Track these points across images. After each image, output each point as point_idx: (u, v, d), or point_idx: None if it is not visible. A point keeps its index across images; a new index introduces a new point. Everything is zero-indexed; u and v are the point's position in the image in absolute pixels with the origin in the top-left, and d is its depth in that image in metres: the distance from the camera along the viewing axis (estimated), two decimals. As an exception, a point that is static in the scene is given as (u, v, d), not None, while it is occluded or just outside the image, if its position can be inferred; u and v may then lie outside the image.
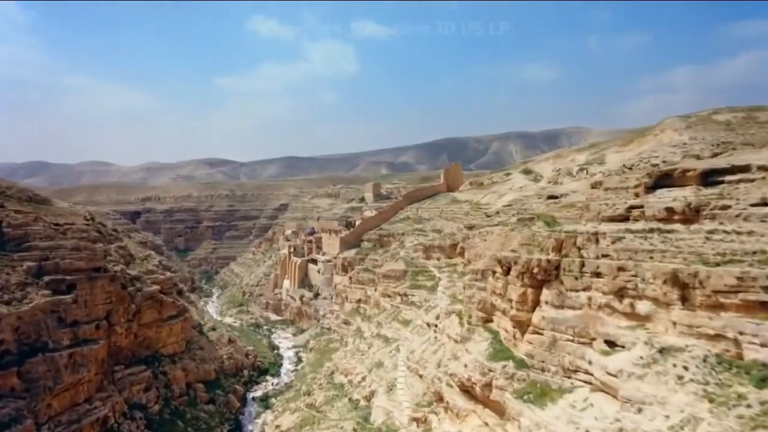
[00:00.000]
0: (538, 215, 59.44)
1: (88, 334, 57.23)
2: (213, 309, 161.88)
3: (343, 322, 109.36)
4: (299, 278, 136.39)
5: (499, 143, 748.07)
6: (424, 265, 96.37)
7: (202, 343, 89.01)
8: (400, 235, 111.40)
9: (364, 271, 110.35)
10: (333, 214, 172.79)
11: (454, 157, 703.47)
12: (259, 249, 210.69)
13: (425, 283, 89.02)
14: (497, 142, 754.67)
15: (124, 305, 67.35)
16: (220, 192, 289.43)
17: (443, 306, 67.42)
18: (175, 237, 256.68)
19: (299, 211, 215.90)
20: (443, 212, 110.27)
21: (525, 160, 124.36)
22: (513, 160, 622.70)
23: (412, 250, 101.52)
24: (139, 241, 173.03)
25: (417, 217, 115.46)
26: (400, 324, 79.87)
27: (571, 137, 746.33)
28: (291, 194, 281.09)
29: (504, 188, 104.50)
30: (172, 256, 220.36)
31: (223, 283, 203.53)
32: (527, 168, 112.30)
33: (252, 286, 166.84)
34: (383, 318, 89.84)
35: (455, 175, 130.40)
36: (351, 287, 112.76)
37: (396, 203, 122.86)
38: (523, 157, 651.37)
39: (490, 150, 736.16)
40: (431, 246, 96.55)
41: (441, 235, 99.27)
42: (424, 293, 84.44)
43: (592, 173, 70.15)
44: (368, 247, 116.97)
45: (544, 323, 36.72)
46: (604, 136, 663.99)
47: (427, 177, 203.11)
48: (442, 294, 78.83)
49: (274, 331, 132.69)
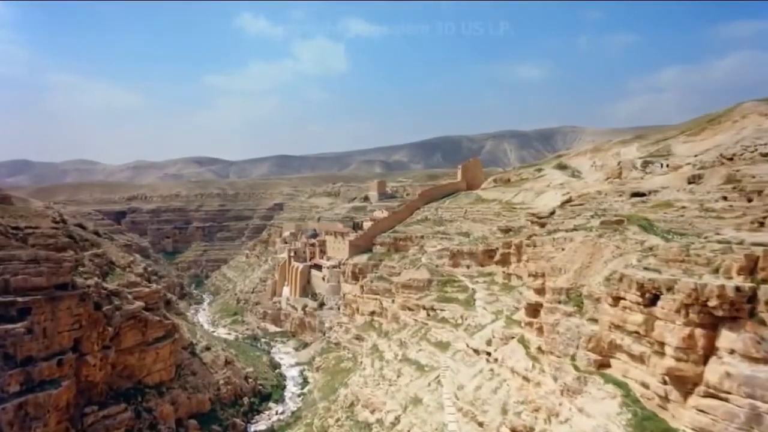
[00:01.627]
0: (627, 217, 46.78)
1: (46, 373, 43.81)
2: (204, 318, 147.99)
3: (355, 337, 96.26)
4: (301, 285, 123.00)
5: (493, 142, 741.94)
6: (452, 273, 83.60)
7: (195, 366, 75.51)
8: (419, 239, 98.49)
9: (379, 279, 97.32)
10: (335, 215, 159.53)
11: (448, 156, 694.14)
12: (253, 251, 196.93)
13: (456, 296, 76.21)
14: (491, 140, 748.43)
15: (97, 329, 53.88)
16: (211, 191, 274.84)
17: (495, 329, 54.49)
18: (162, 238, 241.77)
19: (296, 210, 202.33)
20: (468, 213, 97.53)
21: (558, 154, 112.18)
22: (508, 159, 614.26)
23: (435, 257, 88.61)
24: (123, 244, 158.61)
25: (437, 218, 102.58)
26: (433, 346, 66.88)
27: (566, 136, 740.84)
28: (285, 193, 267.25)
29: (539, 185, 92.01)
30: (160, 259, 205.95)
31: (215, 289, 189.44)
32: (561, 163, 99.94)
33: (247, 293, 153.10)
34: (407, 336, 76.80)
35: (474, 172, 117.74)
36: (363, 297, 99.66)
37: (411, 202, 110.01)
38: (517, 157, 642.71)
39: (484, 149, 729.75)
40: (459, 252, 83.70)
41: (470, 239, 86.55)
42: (458, 308, 71.55)
43: (675, 166, 57.49)
44: (381, 251, 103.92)
45: (731, 384, 23.96)
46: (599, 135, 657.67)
47: (434, 175, 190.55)
48: (484, 311, 66.03)
49: (274, 344, 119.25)
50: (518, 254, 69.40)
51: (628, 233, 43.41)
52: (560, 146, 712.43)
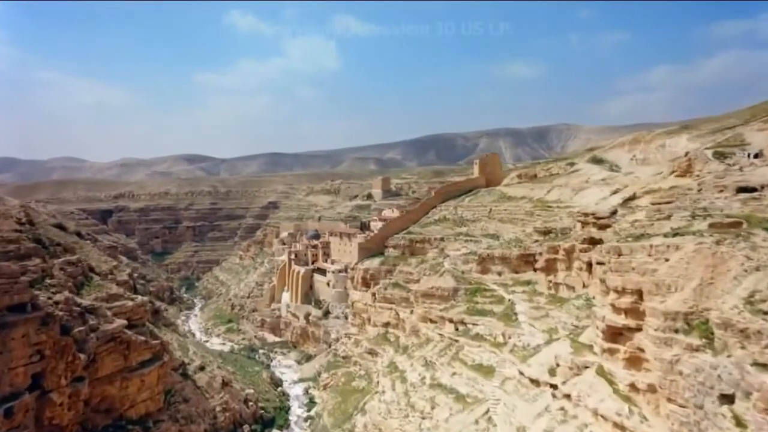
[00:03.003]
0: (744, 219, 36.73)
1: (-9, 428, 32.96)
2: (196, 326, 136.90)
3: (368, 351, 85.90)
4: (303, 292, 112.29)
5: (488, 140, 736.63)
6: (481, 281, 73.51)
7: (188, 392, 64.74)
8: (438, 241, 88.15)
9: (394, 286, 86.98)
10: (337, 214, 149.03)
11: (442, 154, 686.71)
12: (247, 253, 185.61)
13: (490, 308, 66.01)
14: (486, 138, 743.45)
15: (66, 359, 43.06)
16: (202, 188, 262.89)
17: (560, 354, 44.24)
18: (151, 239, 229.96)
19: (293, 209, 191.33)
20: (493, 212, 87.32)
21: (590, 147, 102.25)
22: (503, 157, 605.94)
23: (460, 261, 78.41)
24: (108, 246, 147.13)
25: (457, 218, 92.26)
26: (472, 370, 56.53)
27: (561, 134, 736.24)
28: (280, 191, 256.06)
29: (575, 181, 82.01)
30: (148, 261, 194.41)
31: (207, 293, 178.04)
32: (595, 157, 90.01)
33: (242, 298, 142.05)
34: (433, 354, 66.48)
35: (493, 167, 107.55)
36: (375, 306, 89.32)
37: (426, 201, 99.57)
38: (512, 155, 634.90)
39: (478, 147, 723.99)
40: (489, 256, 73.52)
41: (502, 242, 76.33)
42: (496, 323, 61.27)
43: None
44: (395, 255, 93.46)
45: None
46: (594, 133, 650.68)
47: (440, 171, 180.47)
48: (531, 328, 55.88)
49: (273, 356, 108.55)
50: (568, 261, 59.55)
51: (756, 239, 33.41)
52: (555, 144, 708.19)
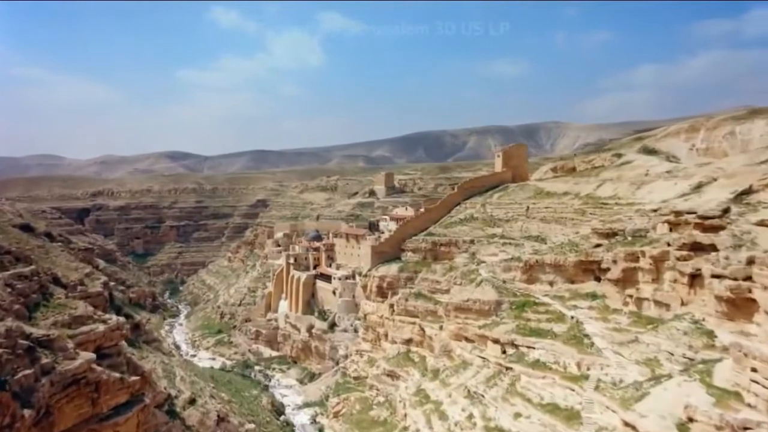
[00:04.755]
0: None
1: None
2: (182, 337, 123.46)
3: (386, 373, 73.48)
4: (304, 300, 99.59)
5: (477, 137, 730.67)
6: (528, 291, 61.70)
7: (175, 435, 51.66)
8: (468, 244, 76.01)
9: (416, 296, 74.77)
10: (337, 213, 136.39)
11: (430, 151, 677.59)
12: (236, 255, 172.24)
13: (548, 327, 54.00)
14: (475, 136, 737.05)
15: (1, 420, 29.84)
16: (186, 186, 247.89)
17: (695, 405, 32.06)
18: (131, 239, 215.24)
19: (287, 207, 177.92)
20: (531, 210, 75.37)
21: (637, 136, 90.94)
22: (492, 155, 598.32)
23: (499, 269, 66.31)
24: (83, 248, 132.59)
25: (487, 217, 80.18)
26: (545, 412, 44.29)
27: (550, 132, 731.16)
28: (269, 188, 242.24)
29: (630, 174, 70.53)
30: (128, 264, 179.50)
31: (193, 298, 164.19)
32: (646, 147, 78.66)
33: (232, 306, 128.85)
34: (477, 383, 54.31)
35: (519, 159, 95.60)
36: (394, 320, 76.99)
37: (448, 198, 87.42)
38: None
39: (467, 145, 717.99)
40: (538, 263, 61.60)
41: (551, 245, 64.27)
42: (562, 348, 49.18)
43: None
44: (414, 260, 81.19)
45: None
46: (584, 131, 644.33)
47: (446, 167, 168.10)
48: (619, 357, 43.83)
49: (271, 373, 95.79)
50: (656, 271, 47.65)
51: None
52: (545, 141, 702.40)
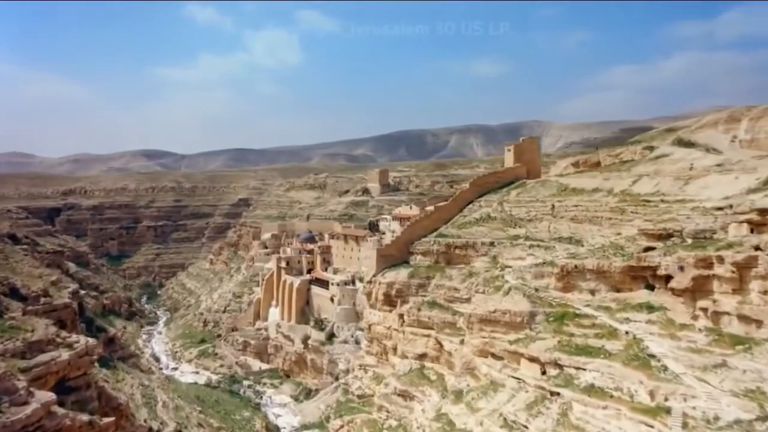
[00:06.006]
0: None
1: None
2: (161, 347, 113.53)
3: (397, 392, 65.03)
4: (298, 308, 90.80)
5: (459, 136, 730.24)
6: (565, 301, 53.87)
7: (158, 480, 42.70)
8: (487, 246, 67.93)
9: (431, 305, 66.59)
10: (329, 212, 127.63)
11: (412, 150, 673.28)
12: (218, 257, 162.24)
13: (597, 343, 46.14)
14: (457, 135, 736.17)
15: None
16: (164, 184, 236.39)
17: None
18: (105, 240, 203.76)
19: (273, 206, 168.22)
20: (558, 208, 67.60)
21: (669, 127, 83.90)
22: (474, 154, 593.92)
23: (529, 275, 58.37)
24: (51, 251, 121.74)
25: (506, 216, 72.17)
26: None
27: (532, 130, 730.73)
28: (252, 187, 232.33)
29: (672, 168, 63.28)
30: (102, 267, 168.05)
31: (172, 303, 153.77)
32: (681, 138, 71.41)
33: (216, 313, 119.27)
34: (515, 410, 46.17)
35: (532, 154, 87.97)
36: (404, 332, 68.72)
37: (460, 195, 79.20)
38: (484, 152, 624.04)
39: (449, 143, 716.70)
40: (578, 269, 53.73)
41: (590, 248, 56.48)
42: (622, 370, 41.35)
43: None
44: (425, 264, 72.80)
45: None
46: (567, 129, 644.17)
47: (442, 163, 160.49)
48: (707, 387, 35.98)
49: (262, 389, 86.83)
50: (740, 281, 40.03)
51: None
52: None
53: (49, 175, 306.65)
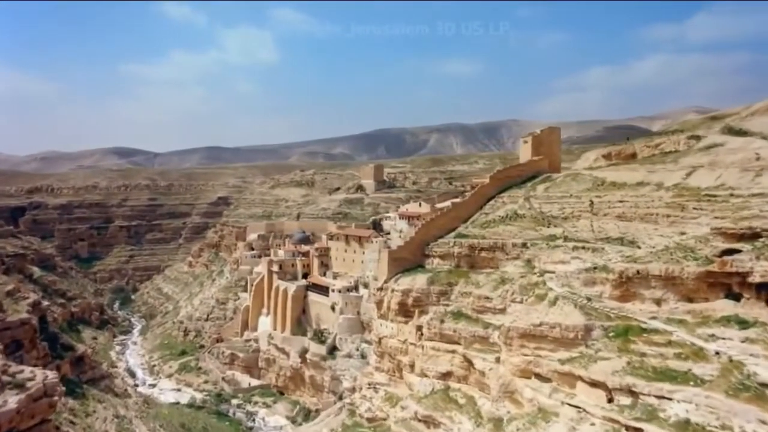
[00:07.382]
0: None
1: None
2: (137, 360, 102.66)
3: (419, 418, 56.10)
4: (293, 317, 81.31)
5: (438, 135, 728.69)
6: (625, 313, 45.61)
7: None
8: (519, 248, 59.43)
9: (455, 317, 57.95)
10: (321, 210, 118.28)
11: (391, 148, 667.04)
12: (198, 259, 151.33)
13: (679, 366, 38.12)
14: (436, 134, 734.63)
15: None
16: (138, 182, 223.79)
17: None
18: (74, 242, 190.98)
19: (257, 205, 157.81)
20: (597, 205, 59.47)
21: (713, 115, 76.48)
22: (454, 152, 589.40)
23: (578, 282, 50.14)
24: (12, 254, 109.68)
25: (536, 214, 63.85)
26: None
27: (510, 129, 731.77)
28: (231, 185, 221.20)
29: (732, 159, 55.61)
30: (70, 271, 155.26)
31: (148, 310, 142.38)
32: (730, 126, 63.89)
33: (198, 321, 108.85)
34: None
35: (552, 146, 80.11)
36: (423, 347, 59.90)
37: (479, 190, 70.65)
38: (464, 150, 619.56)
39: (429, 142, 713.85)
40: (640, 274, 45.56)
41: (654, 251, 48.25)
42: (727, 402, 33.18)
43: None
44: (446, 268, 63.97)
45: None
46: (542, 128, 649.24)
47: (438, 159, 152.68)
48: None
49: (253, 409, 77.10)
50: None
51: None
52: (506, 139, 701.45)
53: (13, 172, 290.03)
